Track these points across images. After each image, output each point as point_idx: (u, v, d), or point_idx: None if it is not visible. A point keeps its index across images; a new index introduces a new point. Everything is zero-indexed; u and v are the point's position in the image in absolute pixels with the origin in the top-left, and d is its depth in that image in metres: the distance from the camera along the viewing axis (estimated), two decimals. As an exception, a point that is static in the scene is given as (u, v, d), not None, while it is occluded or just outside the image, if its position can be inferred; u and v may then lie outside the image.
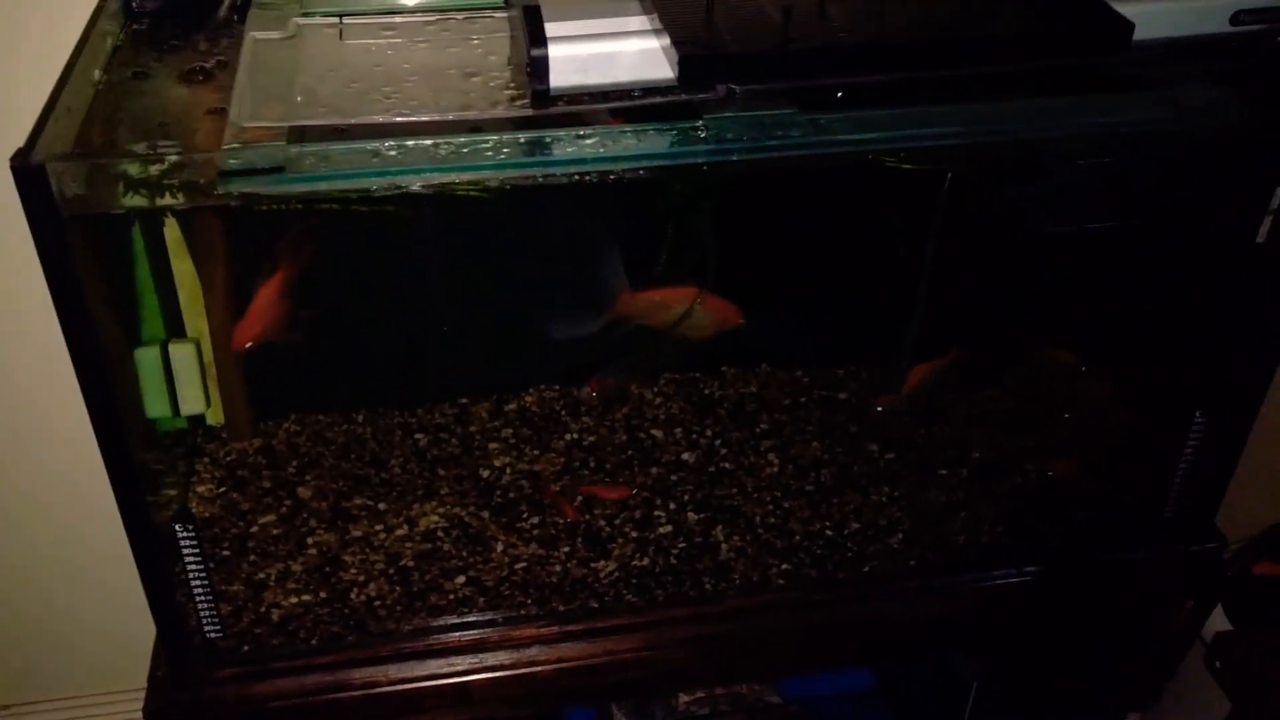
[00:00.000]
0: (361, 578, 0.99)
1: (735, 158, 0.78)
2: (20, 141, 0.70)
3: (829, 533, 1.06)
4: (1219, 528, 1.13)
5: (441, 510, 1.04)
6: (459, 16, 0.91)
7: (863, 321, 1.15)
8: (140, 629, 0.95)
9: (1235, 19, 0.84)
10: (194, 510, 1.01)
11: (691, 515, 1.05)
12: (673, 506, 1.06)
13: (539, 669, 0.99)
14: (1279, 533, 1.24)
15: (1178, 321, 1.09)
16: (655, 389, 1.16)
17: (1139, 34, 0.77)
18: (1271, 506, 1.36)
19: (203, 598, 0.93)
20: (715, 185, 1.00)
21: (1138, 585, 1.12)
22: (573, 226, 1.02)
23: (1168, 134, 0.86)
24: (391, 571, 1.00)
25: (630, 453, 1.10)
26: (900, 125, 0.79)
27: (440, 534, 1.02)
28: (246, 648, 0.95)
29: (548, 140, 0.76)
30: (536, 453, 1.09)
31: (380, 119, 0.77)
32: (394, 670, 0.97)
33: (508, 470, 1.07)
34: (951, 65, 0.77)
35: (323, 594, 0.98)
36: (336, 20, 0.90)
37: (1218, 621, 1.29)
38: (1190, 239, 1.03)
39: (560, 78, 0.76)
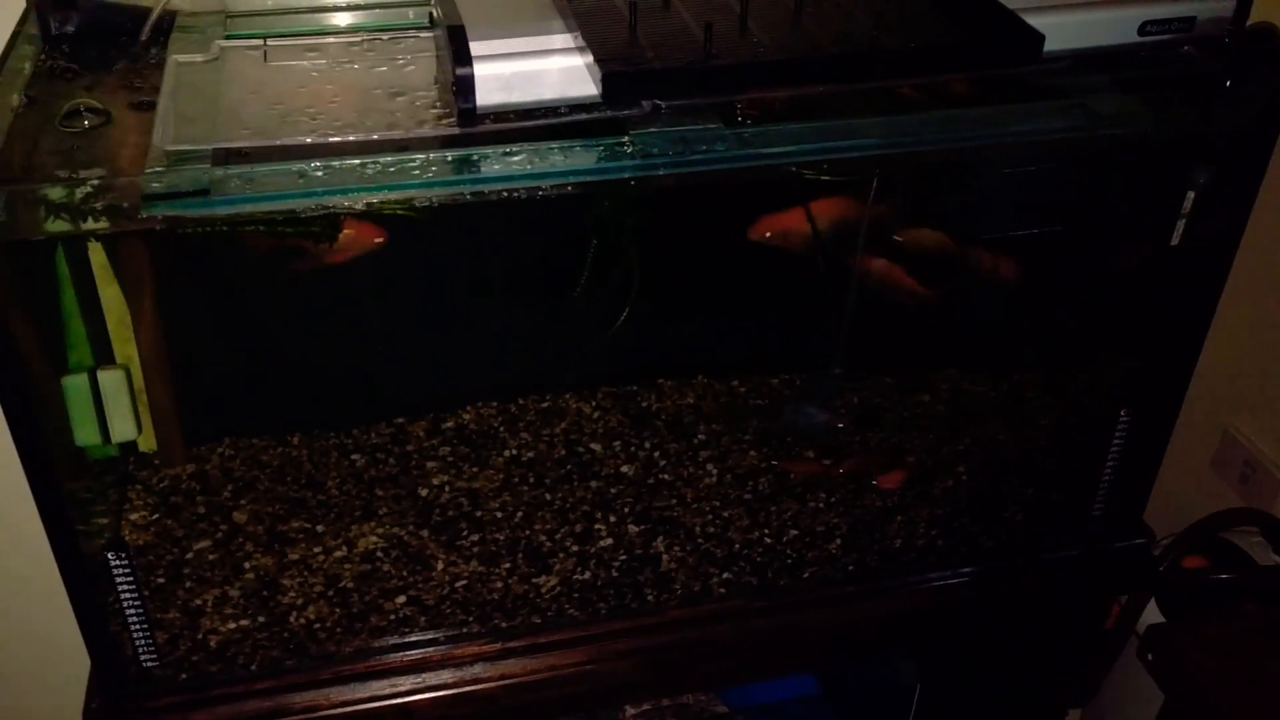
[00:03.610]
0: (300, 601, 0.99)
1: (661, 172, 0.79)
2: (-64, 169, 0.69)
3: (768, 540, 1.07)
4: (1147, 524, 1.16)
5: (380, 530, 1.03)
6: (384, 37, 0.91)
7: (796, 331, 1.16)
8: (75, 662, 0.94)
9: (1143, 30, 0.87)
10: (127, 538, 1.00)
11: (632, 527, 1.06)
12: (613, 519, 1.06)
13: (483, 687, 0.99)
14: (1206, 527, 1.27)
15: (1100, 323, 1.12)
16: (593, 403, 1.16)
17: (1050, 45, 0.80)
18: (1198, 502, 1.39)
19: (138, 626, 0.92)
20: (644, 199, 1.01)
21: (1071, 582, 1.15)
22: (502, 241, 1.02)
23: (1082, 142, 0.88)
24: (331, 593, 0.99)
25: (569, 467, 1.10)
26: (821, 138, 0.80)
27: (379, 554, 1.02)
28: (184, 675, 0.94)
29: (475, 158, 0.76)
30: (475, 470, 1.09)
31: (307, 140, 0.77)
32: (335, 693, 0.96)
33: (446, 488, 1.07)
34: (869, 78, 0.79)
35: (261, 618, 0.97)
36: (260, 42, 0.90)
37: (1152, 617, 1.32)
38: (1109, 243, 1.06)
39: (486, 96, 0.77)
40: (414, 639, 0.98)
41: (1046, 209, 1.02)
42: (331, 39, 0.91)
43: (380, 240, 0.95)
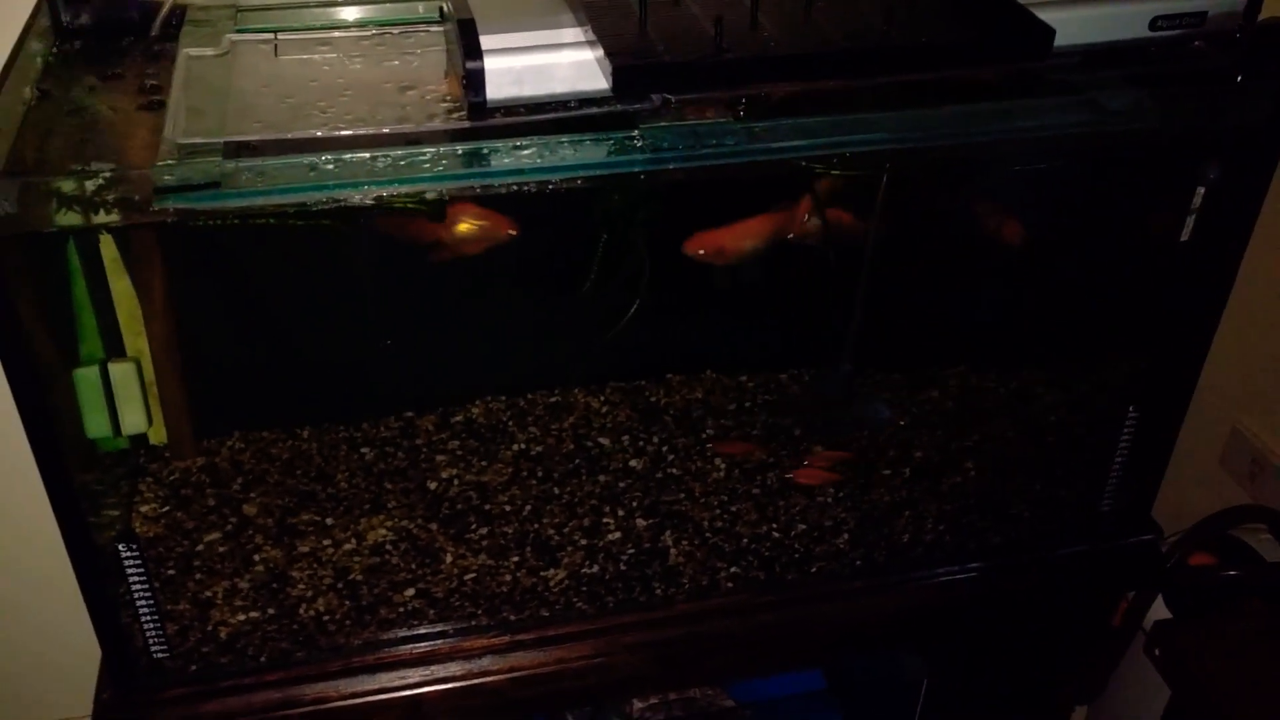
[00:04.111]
0: (310, 593, 0.99)
1: (671, 166, 0.79)
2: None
3: (776, 535, 1.07)
4: (1156, 520, 1.15)
5: (389, 523, 1.04)
6: (394, 31, 0.92)
7: (804, 325, 1.17)
8: (86, 653, 0.94)
9: (1154, 24, 0.87)
10: (138, 530, 1.00)
11: (640, 521, 1.06)
12: (621, 513, 1.06)
13: (491, 679, 0.99)
14: (1214, 524, 1.27)
15: (1108, 319, 1.12)
16: (602, 397, 1.16)
17: (1060, 40, 0.80)
18: (1206, 499, 1.39)
19: (148, 618, 0.92)
20: (653, 194, 1.01)
21: (1078, 578, 1.14)
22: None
23: (1092, 137, 0.88)
24: (340, 586, 0.99)
25: (578, 461, 1.10)
26: (832, 132, 0.80)
27: (389, 547, 1.02)
28: (194, 667, 0.95)
29: (485, 152, 0.76)
30: (484, 464, 1.09)
31: (317, 133, 0.77)
32: (344, 685, 0.96)
33: (455, 482, 1.07)
34: (880, 73, 0.79)
35: (271, 610, 0.98)
36: (271, 36, 0.90)
37: (1159, 614, 1.31)
38: (1117, 238, 1.06)
39: (496, 90, 0.77)
40: (423, 631, 0.98)
41: (1056, 204, 1.02)
42: (342, 33, 0.92)
43: (512, 233, 0.96)
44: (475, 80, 0.76)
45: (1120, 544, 1.14)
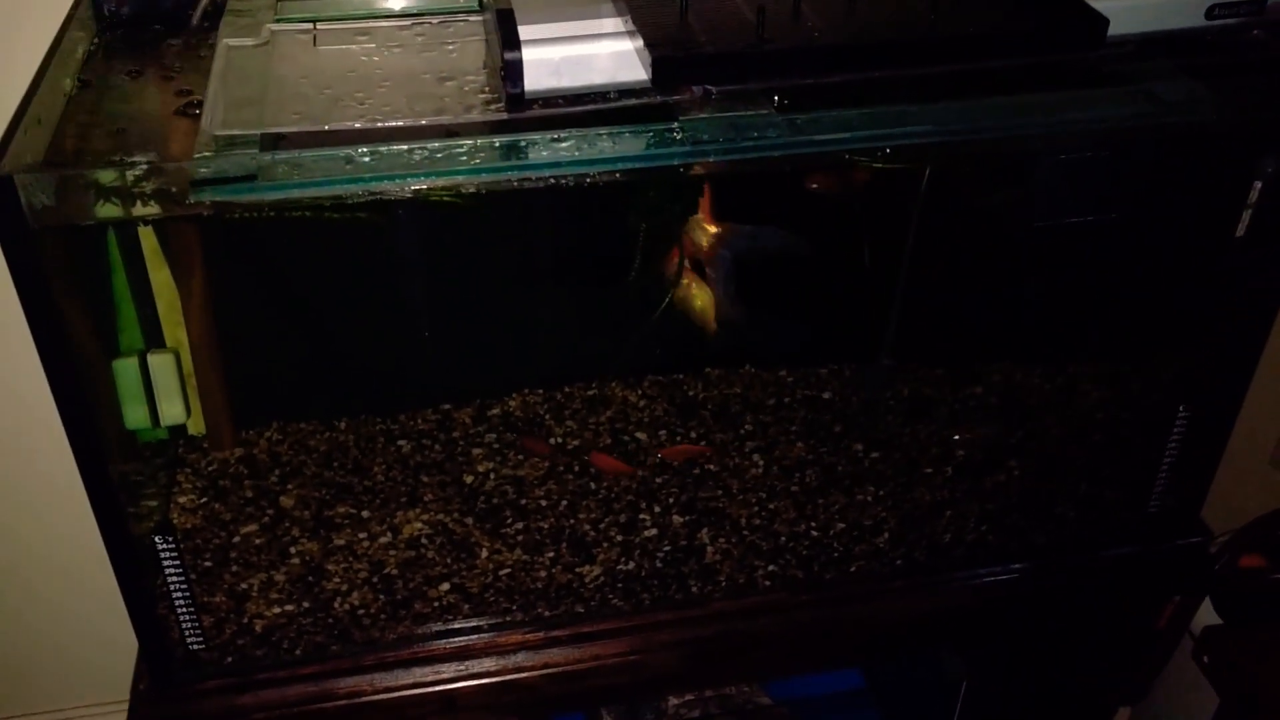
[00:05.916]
0: (345, 586, 0.99)
1: (711, 159, 0.78)
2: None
3: (815, 533, 1.06)
4: (1205, 522, 1.13)
5: (425, 517, 1.03)
6: (433, 21, 0.91)
7: (846, 320, 1.15)
8: (123, 642, 0.95)
9: (1210, 13, 0.84)
10: (175, 521, 1.00)
11: (677, 518, 1.05)
12: (658, 509, 1.05)
13: (525, 675, 0.98)
14: (1264, 526, 1.24)
15: (1159, 316, 1.09)
16: (639, 391, 1.15)
17: (1114, 29, 0.78)
18: (1256, 499, 1.36)
19: (184, 609, 0.93)
20: (691, 186, 1.00)
21: (1124, 581, 1.12)
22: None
23: (1145, 129, 0.86)
24: (375, 580, 0.99)
25: (615, 455, 1.09)
26: (876, 124, 0.79)
27: (424, 541, 1.02)
28: (229, 659, 0.95)
29: (522, 144, 0.76)
30: (520, 458, 1.08)
31: (355, 125, 0.77)
32: (379, 679, 0.96)
33: (491, 476, 1.07)
34: (927, 64, 0.77)
35: (306, 604, 0.97)
36: (310, 26, 0.90)
37: (1206, 616, 1.29)
38: (1170, 233, 1.03)
39: (534, 81, 0.76)
40: (457, 626, 0.98)
41: (1107, 198, 0.99)
42: (381, 23, 0.91)
43: None
44: (513, 71, 0.75)
45: (1168, 546, 1.11)
